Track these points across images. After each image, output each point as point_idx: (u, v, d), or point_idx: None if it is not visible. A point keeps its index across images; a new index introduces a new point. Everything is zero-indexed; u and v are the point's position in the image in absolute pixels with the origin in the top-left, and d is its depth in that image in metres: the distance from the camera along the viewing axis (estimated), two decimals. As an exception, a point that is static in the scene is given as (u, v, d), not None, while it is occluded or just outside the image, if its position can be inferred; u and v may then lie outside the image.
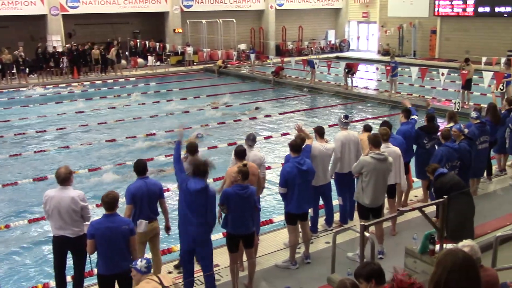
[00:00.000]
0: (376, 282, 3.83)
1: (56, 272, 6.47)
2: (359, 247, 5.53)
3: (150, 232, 6.59)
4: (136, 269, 4.96)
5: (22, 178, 11.89)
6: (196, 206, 6.03)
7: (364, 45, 36.85)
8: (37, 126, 16.84)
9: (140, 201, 6.41)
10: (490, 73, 16.58)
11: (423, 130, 9.14)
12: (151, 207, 6.56)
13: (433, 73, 20.87)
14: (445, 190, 6.56)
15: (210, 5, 32.02)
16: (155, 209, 6.65)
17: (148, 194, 6.47)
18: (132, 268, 5.00)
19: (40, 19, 27.37)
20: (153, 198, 6.57)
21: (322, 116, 17.98)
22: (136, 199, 6.38)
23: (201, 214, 6.06)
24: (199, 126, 16.30)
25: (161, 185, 6.78)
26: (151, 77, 27.13)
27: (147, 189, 6.45)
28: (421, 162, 8.97)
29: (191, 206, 6.05)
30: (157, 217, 6.74)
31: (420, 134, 9.10)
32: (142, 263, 4.95)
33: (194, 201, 6.02)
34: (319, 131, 8.06)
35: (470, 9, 29.16)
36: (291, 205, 7.05)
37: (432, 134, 8.98)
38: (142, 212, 6.43)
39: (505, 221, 8.12)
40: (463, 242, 4.30)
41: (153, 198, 6.55)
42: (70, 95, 22.39)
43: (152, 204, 6.58)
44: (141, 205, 6.42)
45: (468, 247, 4.15)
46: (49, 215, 6.23)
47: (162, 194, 6.74)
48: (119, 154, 13.86)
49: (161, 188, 6.74)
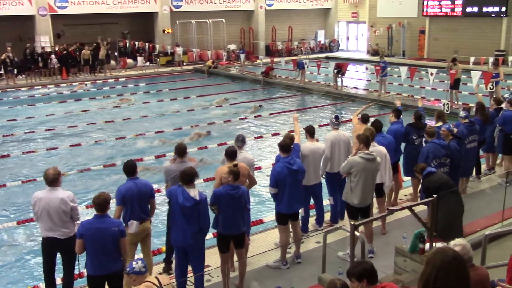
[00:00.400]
0: (367, 281, 3.83)
1: (46, 274, 6.41)
2: (350, 246, 5.55)
3: (141, 233, 6.56)
4: (136, 272, 4.82)
5: (11, 180, 11.79)
6: (189, 217, 5.98)
7: (353, 45, 36.98)
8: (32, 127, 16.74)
9: (131, 202, 6.38)
10: (479, 73, 16.70)
11: (412, 126, 9.20)
12: (142, 207, 6.52)
13: (422, 72, 20.99)
14: (433, 189, 6.59)
15: (200, 5, 31.96)
16: (147, 210, 6.62)
17: (139, 194, 6.43)
18: (131, 273, 4.85)
19: (28, 19, 27.17)
20: (144, 199, 6.53)
21: (312, 116, 18.00)
22: (126, 200, 6.34)
23: (194, 222, 6.01)
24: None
25: (151, 186, 6.74)
26: (140, 77, 27.02)
27: (137, 190, 6.41)
28: (410, 159, 9.00)
29: (183, 217, 5.99)
30: (148, 218, 6.69)
31: (409, 130, 9.15)
32: (139, 264, 4.84)
33: (186, 213, 5.97)
34: (310, 130, 8.07)
35: (458, 9, 29.39)
36: (281, 205, 7.05)
37: (420, 131, 9.01)
38: (133, 213, 6.40)
39: (494, 219, 8.18)
40: (455, 241, 4.31)
41: (144, 198, 6.51)
42: (62, 96, 22.29)
43: (143, 204, 6.54)
44: (132, 206, 6.39)
45: (460, 246, 4.16)
46: (38, 217, 6.16)
47: (153, 194, 6.71)
48: (119, 154, 13.81)
49: (152, 188, 6.70)
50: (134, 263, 4.87)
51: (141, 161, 12.43)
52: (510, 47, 26.92)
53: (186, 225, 5.99)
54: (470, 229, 7.64)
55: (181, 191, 5.97)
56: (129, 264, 4.97)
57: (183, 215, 5.97)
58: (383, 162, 7.75)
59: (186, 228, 5.99)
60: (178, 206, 5.96)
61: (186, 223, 5.98)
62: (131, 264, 4.91)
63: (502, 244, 7.07)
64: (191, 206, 5.91)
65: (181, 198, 5.93)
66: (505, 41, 27.68)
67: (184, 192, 5.95)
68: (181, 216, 5.98)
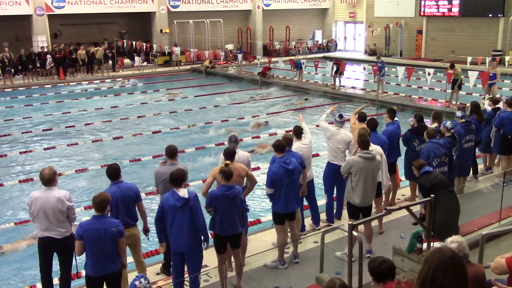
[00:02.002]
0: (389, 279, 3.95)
1: (43, 274, 6.39)
2: (348, 246, 5.55)
3: (127, 239, 6.12)
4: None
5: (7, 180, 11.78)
6: (182, 216, 5.93)
7: (351, 45, 37.01)
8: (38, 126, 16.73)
9: (116, 207, 6.22)
10: (476, 73, 16.75)
11: (413, 132, 9.12)
12: (128, 212, 6.38)
13: (420, 72, 21.02)
14: (428, 188, 6.62)
15: (197, 5, 31.94)
16: (133, 215, 6.48)
17: (122, 199, 6.29)
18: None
19: (25, 19, 27.09)
20: (129, 203, 6.38)
21: (309, 116, 18.01)
22: (110, 205, 5.99)
23: (189, 221, 5.95)
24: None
25: (136, 188, 6.57)
26: (138, 77, 27.00)
27: (120, 194, 6.28)
28: (410, 164, 8.99)
29: (178, 219, 5.95)
30: (136, 224, 6.56)
31: (410, 136, 9.10)
32: (143, 283, 4.51)
33: (179, 214, 5.92)
34: (296, 131, 8.11)
35: (455, 9, 29.45)
36: (278, 205, 7.05)
37: (422, 136, 8.95)
38: (118, 218, 6.10)
39: (491, 219, 8.20)
40: (452, 237, 4.30)
41: (128, 203, 6.37)
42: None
43: (128, 209, 6.39)
44: (116, 211, 6.24)
45: (456, 243, 4.17)
46: (35, 217, 6.14)
47: (139, 197, 6.56)
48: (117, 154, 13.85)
49: (137, 191, 6.54)
50: (137, 283, 4.52)
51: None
52: (507, 47, 26.96)
53: (183, 228, 5.94)
54: (468, 228, 7.66)
55: (171, 194, 5.97)
56: (131, 283, 4.60)
57: (178, 217, 5.94)
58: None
59: (184, 231, 5.95)
60: (171, 209, 5.94)
61: (180, 225, 5.94)
62: (133, 283, 4.53)
63: (500, 243, 7.09)
64: (182, 206, 5.89)
65: (172, 200, 5.92)
66: (502, 41, 27.75)
67: (174, 194, 5.94)
68: (176, 218, 5.95)
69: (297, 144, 7.90)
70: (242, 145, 12.43)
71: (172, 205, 5.92)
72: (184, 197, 5.90)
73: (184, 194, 5.91)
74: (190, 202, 5.92)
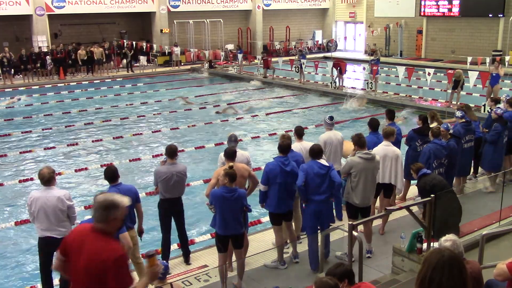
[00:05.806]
0: (348, 281, 4.14)
1: (43, 274, 6.39)
2: (348, 246, 5.55)
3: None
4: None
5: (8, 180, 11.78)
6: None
7: (351, 45, 36.99)
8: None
9: None
10: (476, 73, 16.76)
11: (417, 133, 9.09)
12: (127, 215, 6.36)
13: (420, 72, 21.00)
14: (428, 190, 6.63)
15: (197, 5, 31.93)
16: (132, 217, 6.47)
17: None
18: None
19: (25, 19, 27.08)
20: (129, 205, 6.39)
21: (309, 116, 18.03)
22: None
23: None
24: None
25: (135, 190, 6.57)
26: (138, 77, 26.99)
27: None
28: (412, 163, 8.98)
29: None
30: (134, 226, 6.56)
31: (413, 136, 9.08)
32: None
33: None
34: (298, 132, 8.09)
35: (455, 9, 29.45)
36: (270, 203, 7.03)
37: (424, 137, 8.94)
38: None
39: (491, 219, 8.19)
40: (446, 236, 4.30)
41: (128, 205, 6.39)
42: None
43: (128, 211, 6.37)
44: None
45: (450, 242, 4.18)
46: (35, 217, 6.14)
47: (138, 199, 6.56)
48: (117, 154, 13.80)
49: (136, 192, 6.54)
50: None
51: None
52: (507, 47, 26.96)
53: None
54: (468, 228, 7.65)
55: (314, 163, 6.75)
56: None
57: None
58: (394, 163, 7.76)
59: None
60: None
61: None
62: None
63: (500, 244, 7.09)
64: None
65: (315, 169, 6.70)
66: (502, 41, 27.75)
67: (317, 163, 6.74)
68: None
69: (296, 145, 7.89)
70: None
71: (316, 173, 6.59)
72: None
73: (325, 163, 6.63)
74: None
